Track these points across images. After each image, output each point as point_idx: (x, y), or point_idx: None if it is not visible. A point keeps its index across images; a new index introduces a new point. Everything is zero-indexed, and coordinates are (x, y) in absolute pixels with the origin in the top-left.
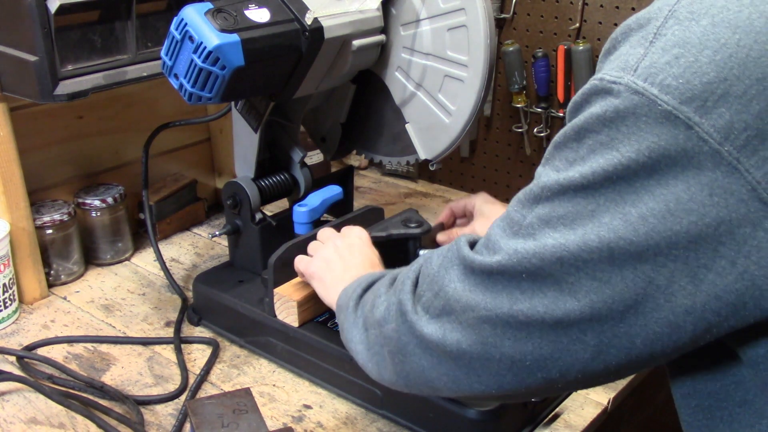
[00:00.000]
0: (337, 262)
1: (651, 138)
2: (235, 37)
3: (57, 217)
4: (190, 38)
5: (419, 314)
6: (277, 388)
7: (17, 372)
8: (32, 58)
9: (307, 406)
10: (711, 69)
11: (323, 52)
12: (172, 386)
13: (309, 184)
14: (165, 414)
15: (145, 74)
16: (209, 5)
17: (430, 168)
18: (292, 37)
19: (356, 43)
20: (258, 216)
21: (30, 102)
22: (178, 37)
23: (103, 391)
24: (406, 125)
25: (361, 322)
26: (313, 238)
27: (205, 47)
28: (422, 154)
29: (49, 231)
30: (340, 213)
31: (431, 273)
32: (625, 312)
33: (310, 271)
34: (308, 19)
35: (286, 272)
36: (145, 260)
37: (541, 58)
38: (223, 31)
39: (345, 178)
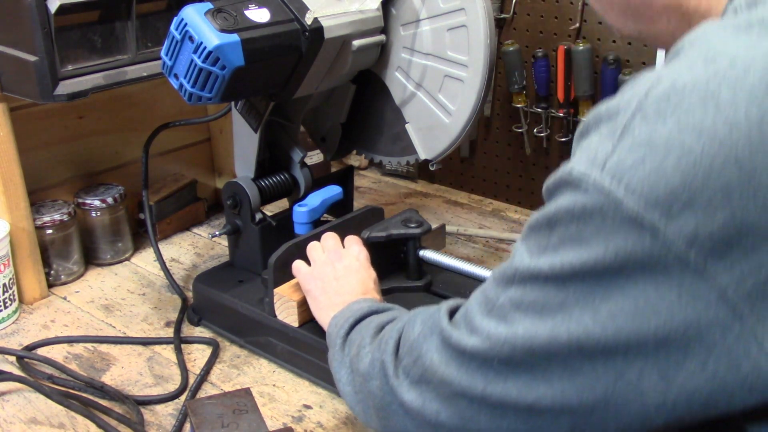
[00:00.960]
0: (331, 283)
1: (618, 240)
2: (235, 37)
3: (57, 217)
4: (190, 38)
5: (400, 379)
6: (277, 388)
7: (17, 372)
8: (32, 58)
9: (307, 406)
10: (676, 175)
11: (323, 52)
12: (172, 386)
13: (309, 184)
14: (165, 414)
15: (145, 74)
16: (209, 5)
17: (430, 168)
18: (292, 37)
19: (356, 43)
20: (258, 216)
21: (30, 102)
22: (178, 37)
23: (103, 391)
24: (406, 125)
25: (347, 363)
26: (314, 238)
27: (205, 47)
28: (422, 154)
29: (49, 231)
30: (340, 213)
31: (411, 338)
32: (596, 402)
33: (305, 286)
34: (308, 19)
35: (286, 272)
36: (145, 260)
37: (541, 58)
38: (223, 31)
39: (345, 178)
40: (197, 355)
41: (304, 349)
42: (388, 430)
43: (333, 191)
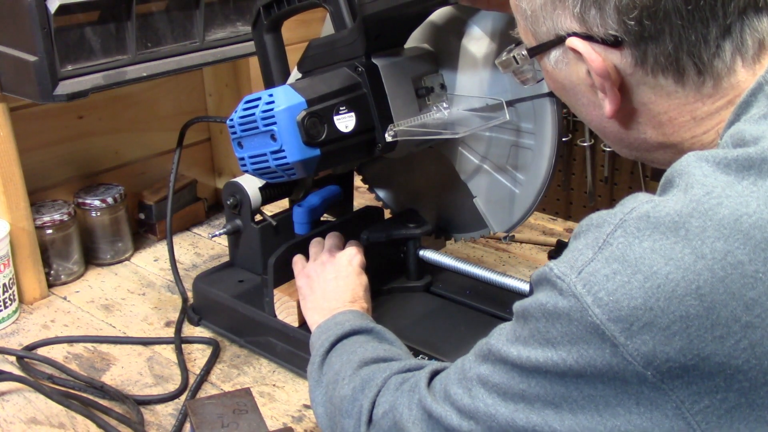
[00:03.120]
0: (319, 284)
1: (581, 345)
2: (316, 153)
3: (57, 217)
4: (273, 137)
5: (371, 429)
6: (277, 388)
7: (17, 372)
8: (32, 58)
9: (307, 406)
10: (639, 295)
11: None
12: (172, 386)
13: (309, 184)
14: (165, 414)
15: (145, 74)
16: (303, 106)
17: (504, 242)
18: (368, 147)
19: (422, 145)
20: (258, 216)
21: (30, 102)
22: (261, 127)
23: (103, 391)
24: (474, 199)
25: (324, 384)
26: (313, 238)
27: (285, 159)
28: (494, 228)
29: (49, 231)
30: (340, 213)
31: (391, 389)
32: None
33: (297, 282)
34: (389, 136)
35: (286, 272)
36: (145, 260)
37: None
38: (308, 144)
39: (345, 178)
40: (197, 355)
41: (304, 349)
42: None
43: (333, 191)
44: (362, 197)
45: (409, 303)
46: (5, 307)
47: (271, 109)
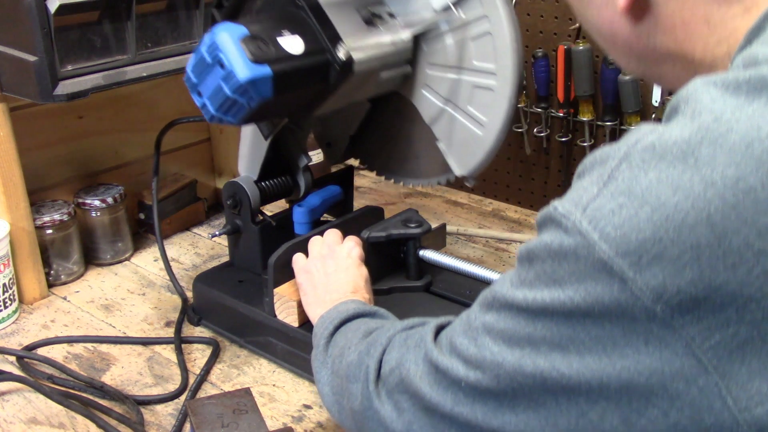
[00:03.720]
0: (320, 278)
1: (588, 282)
2: (267, 70)
3: (57, 217)
4: (221, 64)
5: (379, 387)
6: (277, 388)
7: (17, 372)
8: (32, 58)
9: (307, 406)
10: (648, 227)
11: (350, 82)
12: (172, 386)
13: (309, 184)
14: (165, 414)
15: (144, 74)
16: (244, 31)
17: (467, 184)
18: (322, 69)
19: (384, 74)
20: (258, 216)
21: (30, 102)
22: (208, 59)
23: (103, 391)
24: (438, 143)
25: (330, 363)
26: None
27: (236, 79)
28: (457, 171)
29: (49, 231)
30: (340, 213)
31: (397, 350)
32: None
33: (297, 279)
34: (341, 53)
35: (286, 272)
36: (145, 260)
37: (541, 58)
38: (256, 62)
39: (345, 178)
40: (197, 355)
41: (304, 349)
42: (363, 431)
43: (333, 191)
44: (362, 197)
45: (409, 303)
46: (5, 307)
47: (214, 41)
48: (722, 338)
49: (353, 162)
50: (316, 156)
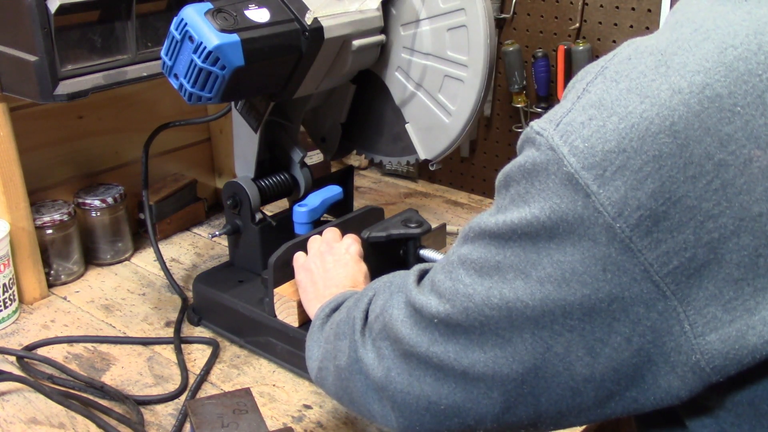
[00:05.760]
0: (320, 275)
1: (554, 198)
2: (234, 37)
3: (57, 217)
4: (190, 38)
5: (366, 336)
6: (277, 388)
7: (17, 372)
8: (32, 58)
9: (307, 406)
10: (613, 137)
11: (323, 52)
12: (172, 386)
13: (309, 184)
14: (165, 414)
15: (145, 74)
16: (209, 5)
17: (430, 168)
18: (292, 37)
19: (356, 43)
20: (258, 216)
21: (30, 102)
22: (177, 37)
23: (103, 391)
24: (406, 125)
25: (322, 340)
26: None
27: (205, 47)
28: (422, 154)
29: (49, 231)
30: (340, 213)
31: (382, 298)
32: (526, 373)
33: (297, 277)
34: (308, 19)
35: (286, 272)
36: (145, 260)
37: (541, 58)
38: (222, 31)
39: (345, 178)
40: (197, 355)
41: (304, 348)
42: (345, 395)
43: (333, 191)
44: (362, 197)
45: None
46: (5, 307)
47: (181, 19)
48: (680, 263)
49: (353, 162)
50: (316, 156)
